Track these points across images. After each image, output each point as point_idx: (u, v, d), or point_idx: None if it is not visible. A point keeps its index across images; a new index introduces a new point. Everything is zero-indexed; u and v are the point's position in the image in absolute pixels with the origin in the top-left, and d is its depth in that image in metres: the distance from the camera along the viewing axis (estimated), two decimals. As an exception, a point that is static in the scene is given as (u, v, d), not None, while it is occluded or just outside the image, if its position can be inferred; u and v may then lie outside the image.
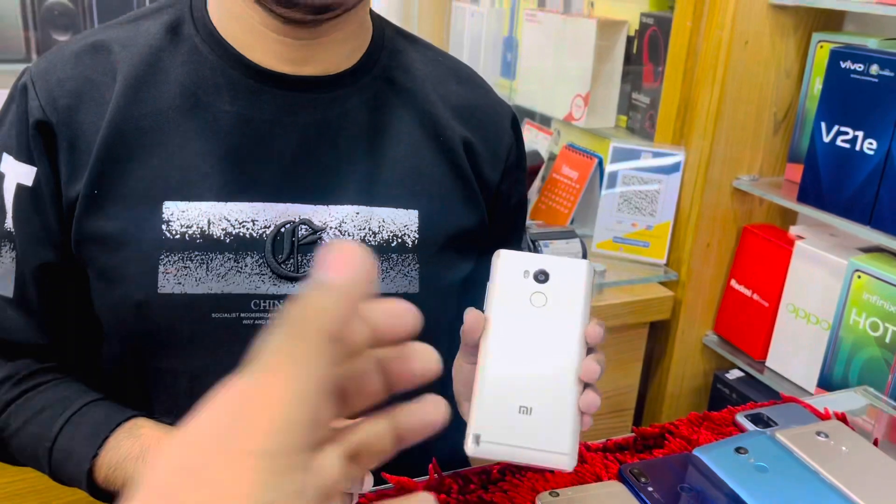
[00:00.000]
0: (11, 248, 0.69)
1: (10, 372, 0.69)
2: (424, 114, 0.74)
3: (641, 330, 1.43)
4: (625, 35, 1.67)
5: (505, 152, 0.78)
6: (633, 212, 1.43)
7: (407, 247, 0.71)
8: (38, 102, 0.65)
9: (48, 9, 2.11)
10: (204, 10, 0.70)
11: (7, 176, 0.68)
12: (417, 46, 0.78)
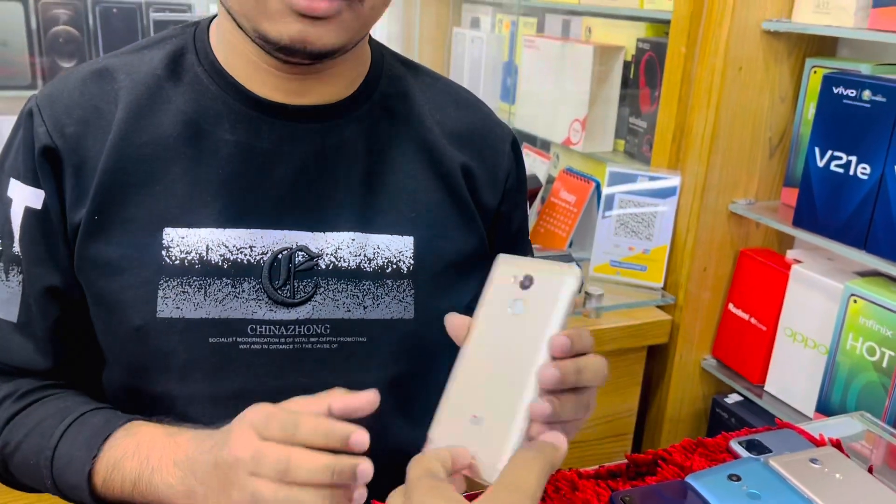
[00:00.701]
0: (18, 271, 0.69)
1: (11, 389, 0.70)
2: (422, 140, 0.75)
3: (639, 354, 1.43)
4: (622, 60, 1.69)
5: (504, 175, 0.79)
6: (630, 235, 1.43)
7: (402, 273, 0.72)
8: (45, 128, 0.67)
9: (53, 36, 2.13)
10: (206, 42, 0.71)
11: (15, 200, 0.69)
12: (416, 72, 0.79)
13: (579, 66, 1.70)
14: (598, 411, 1.48)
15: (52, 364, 0.71)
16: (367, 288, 0.71)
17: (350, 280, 0.70)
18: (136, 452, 0.61)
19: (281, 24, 0.60)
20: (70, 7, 2.13)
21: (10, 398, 0.69)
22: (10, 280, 0.69)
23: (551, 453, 0.48)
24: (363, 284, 0.71)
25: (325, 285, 0.70)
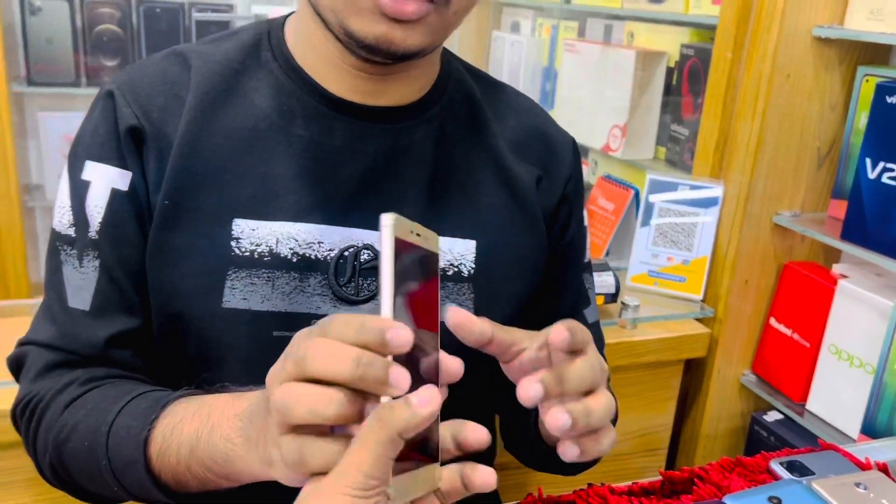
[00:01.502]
0: (95, 256, 0.68)
1: (75, 377, 0.67)
2: (486, 145, 0.75)
3: (676, 367, 1.39)
4: (664, 66, 1.65)
5: (564, 180, 0.79)
6: (670, 245, 1.40)
7: (463, 276, 0.73)
8: (130, 110, 0.67)
9: (98, 35, 2.17)
10: (281, 38, 0.72)
11: (95, 183, 0.68)
12: (479, 78, 0.80)
13: (621, 71, 1.67)
14: (631, 425, 1.45)
15: (118, 352, 0.69)
16: None
17: None
18: (196, 412, 0.57)
19: (368, 23, 0.61)
20: (115, 6, 2.16)
21: (74, 384, 0.67)
22: (85, 266, 0.68)
23: (389, 416, 0.42)
24: None
25: None
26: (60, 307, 0.69)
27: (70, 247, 0.69)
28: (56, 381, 0.67)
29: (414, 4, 0.60)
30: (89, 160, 0.68)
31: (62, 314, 0.69)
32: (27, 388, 0.69)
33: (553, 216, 0.79)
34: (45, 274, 0.71)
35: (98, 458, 0.61)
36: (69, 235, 0.69)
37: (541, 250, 0.77)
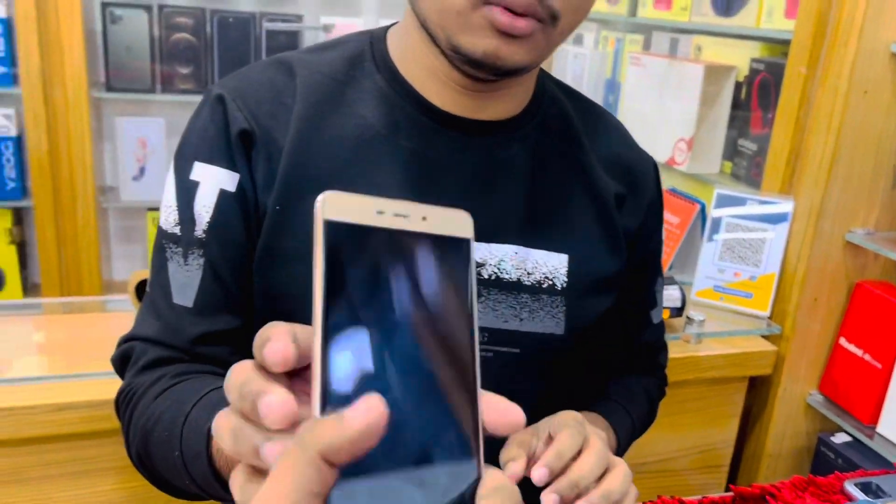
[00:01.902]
0: (200, 254, 0.70)
1: (169, 370, 0.69)
2: (579, 162, 0.76)
3: (740, 384, 1.37)
4: (733, 80, 1.64)
5: (647, 202, 0.80)
6: (737, 261, 1.38)
7: (556, 289, 0.74)
8: (241, 114, 0.68)
9: (174, 44, 2.24)
10: (384, 49, 0.73)
11: (203, 184, 0.70)
12: (571, 96, 0.81)
13: (687, 84, 1.66)
14: (691, 440, 1.44)
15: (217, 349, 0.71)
16: (525, 301, 0.73)
17: (510, 291, 0.72)
18: None
19: (478, 38, 0.62)
20: (190, 16, 2.23)
21: (166, 377, 0.69)
22: (190, 264, 0.70)
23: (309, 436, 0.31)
24: (521, 297, 0.72)
25: (487, 294, 0.71)
26: (165, 303, 0.70)
27: (175, 245, 0.71)
28: (154, 373, 0.69)
29: (524, 21, 0.61)
30: (198, 161, 0.70)
31: (166, 310, 0.70)
32: (129, 380, 0.71)
33: (635, 236, 0.80)
34: (151, 270, 0.73)
35: (173, 448, 0.62)
36: (175, 234, 0.71)
37: (622, 269, 0.78)
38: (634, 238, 0.80)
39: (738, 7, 1.62)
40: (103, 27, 2.17)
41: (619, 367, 0.89)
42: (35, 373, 0.99)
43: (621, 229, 0.77)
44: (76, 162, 2.09)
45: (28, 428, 0.92)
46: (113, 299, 1.29)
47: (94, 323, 1.18)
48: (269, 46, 2.28)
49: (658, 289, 0.86)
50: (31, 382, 0.96)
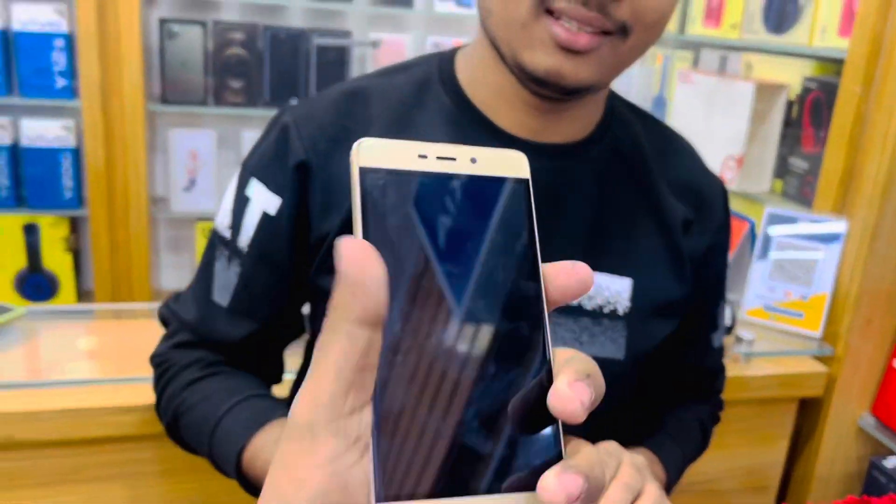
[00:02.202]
0: (238, 263, 0.74)
1: (200, 356, 0.77)
2: (647, 187, 0.76)
3: (790, 405, 1.35)
4: (784, 99, 1.63)
5: (715, 227, 0.79)
6: (788, 280, 1.37)
7: (618, 314, 0.73)
8: (301, 144, 0.70)
9: (227, 58, 2.29)
10: (452, 71, 0.73)
11: (253, 200, 0.73)
12: (642, 118, 0.80)
13: (738, 102, 1.65)
14: (740, 461, 1.42)
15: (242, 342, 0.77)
16: (585, 325, 0.72)
17: (571, 315, 0.72)
18: None
19: (540, 55, 0.61)
20: (242, 31, 2.29)
21: (198, 364, 0.76)
22: (231, 269, 0.75)
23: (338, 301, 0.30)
24: (582, 321, 0.72)
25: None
26: (205, 296, 0.76)
27: (224, 247, 0.75)
28: (187, 355, 0.77)
29: (588, 36, 0.59)
30: (254, 178, 0.74)
31: (204, 303, 0.76)
32: (164, 349, 0.79)
33: (702, 260, 0.78)
34: (201, 261, 0.78)
35: (203, 443, 0.71)
36: (224, 237, 0.76)
37: (687, 295, 0.77)
38: (700, 262, 0.79)
39: (790, 25, 1.61)
40: (160, 42, 2.23)
41: (676, 392, 0.87)
42: (86, 376, 1.02)
43: (687, 254, 0.76)
44: (131, 173, 2.15)
45: (86, 429, 0.95)
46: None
47: (141, 329, 1.21)
48: (319, 61, 2.33)
49: (720, 312, 0.85)
50: (86, 385, 0.99)
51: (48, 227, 2.23)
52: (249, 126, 2.43)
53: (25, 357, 1.06)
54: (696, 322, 0.82)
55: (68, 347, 1.09)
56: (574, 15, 0.59)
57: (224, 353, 0.77)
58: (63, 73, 2.12)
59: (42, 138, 2.16)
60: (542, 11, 0.60)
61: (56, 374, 1.01)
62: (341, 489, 0.29)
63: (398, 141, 0.32)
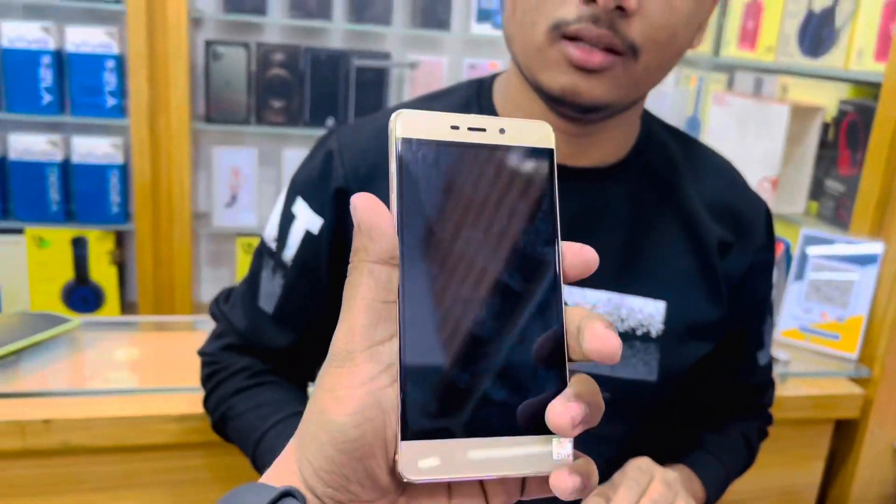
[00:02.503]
0: (282, 275, 0.78)
1: (249, 363, 0.82)
2: (682, 210, 0.76)
3: (825, 426, 1.35)
4: (820, 121, 1.64)
5: (755, 250, 0.79)
6: (823, 302, 1.37)
7: (650, 337, 0.74)
8: (342, 171, 0.74)
9: (269, 79, 2.36)
10: (490, 97, 0.75)
11: (298, 217, 0.77)
12: (680, 140, 0.80)
13: (773, 124, 1.66)
14: (774, 483, 1.42)
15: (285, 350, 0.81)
16: None
17: None
18: None
19: (556, 74, 0.63)
20: (284, 52, 2.35)
21: (245, 371, 0.81)
22: (275, 280, 0.79)
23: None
24: None
25: None
26: (252, 303, 0.81)
27: (270, 258, 0.80)
28: (235, 359, 0.82)
29: (600, 55, 0.61)
30: (300, 196, 0.77)
31: (251, 310, 0.81)
32: (214, 349, 0.84)
33: (741, 281, 0.78)
34: (250, 267, 0.83)
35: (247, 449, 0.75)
36: (271, 249, 0.80)
37: (723, 318, 0.77)
38: (740, 282, 0.78)
39: (826, 48, 1.62)
40: (206, 63, 2.31)
41: (721, 410, 0.88)
42: (135, 385, 1.07)
43: (723, 276, 0.76)
44: (175, 189, 2.22)
45: (137, 436, 0.98)
46: (201, 319, 1.37)
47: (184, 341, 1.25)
48: (358, 82, 2.38)
49: (767, 330, 0.85)
50: (136, 394, 1.03)
51: (95, 241, 2.31)
52: (290, 144, 2.50)
53: (77, 366, 1.11)
54: (740, 341, 0.82)
55: (116, 357, 1.14)
56: (586, 35, 0.61)
57: (270, 362, 0.82)
58: (113, 92, 2.20)
59: (91, 155, 2.24)
60: (558, 36, 0.62)
61: (105, 383, 1.05)
62: (376, 406, 0.33)
63: (433, 112, 0.35)
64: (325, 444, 0.33)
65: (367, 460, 0.33)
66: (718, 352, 0.78)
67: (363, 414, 0.33)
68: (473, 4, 2.46)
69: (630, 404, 0.74)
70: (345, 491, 0.33)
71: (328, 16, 2.35)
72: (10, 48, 2.12)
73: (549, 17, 0.62)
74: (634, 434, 0.77)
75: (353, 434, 0.32)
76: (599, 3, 0.59)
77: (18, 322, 1.12)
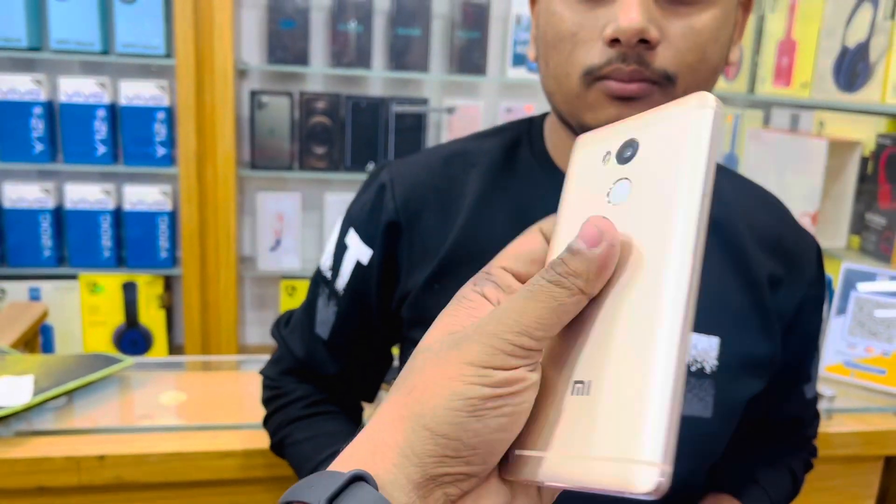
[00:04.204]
0: (335, 303, 0.82)
1: (306, 392, 0.85)
2: (732, 244, 0.76)
3: (875, 464, 1.32)
4: (858, 155, 1.63)
5: (806, 285, 0.79)
6: (868, 336, 1.35)
7: (705, 373, 0.73)
8: (393, 205, 0.76)
9: (312, 126, 2.43)
10: (540, 136, 0.77)
11: (350, 248, 0.80)
12: (729, 175, 0.81)
13: (811, 160, 1.66)
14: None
15: (340, 375, 0.85)
16: None
17: None
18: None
19: (599, 112, 0.64)
20: (326, 101, 2.43)
21: (303, 401, 0.85)
22: (330, 307, 0.82)
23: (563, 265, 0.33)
24: None
25: None
26: (308, 329, 0.85)
27: (325, 286, 0.83)
28: (293, 386, 0.86)
29: (637, 84, 0.62)
30: (352, 228, 0.81)
31: (308, 336, 0.85)
32: (274, 374, 0.88)
33: (793, 316, 0.78)
34: (307, 295, 0.87)
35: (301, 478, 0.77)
36: (326, 277, 0.83)
37: (774, 354, 0.77)
38: (792, 317, 0.78)
39: (861, 83, 1.62)
40: (251, 112, 2.39)
41: (767, 442, 0.87)
42: (184, 422, 1.10)
43: (774, 311, 0.76)
44: (221, 234, 2.28)
45: (188, 472, 1.01)
46: (246, 359, 1.40)
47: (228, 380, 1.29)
48: (397, 127, 2.44)
49: (814, 364, 0.84)
50: (186, 430, 1.05)
51: (145, 286, 2.38)
52: (332, 189, 2.56)
53: (128, 404, 1.15)
54: (789, 375, 0.82)
55: (166, 396, 1.18)
56: (617, 75, 0.62)
57: (326, 390, 0.85)
58: (163, 142, 2.29)
59: (142, 202, 2.33)
60: (592, 80, 0.64)
61: (155, 420, 1.08)
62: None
63: (607, 128, 0.36)
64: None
65: (504, 434, 0.32)
66: (767, 386, 0.78)
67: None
68: (509, 49, 2.52)
69: (685, 441, 0.74)
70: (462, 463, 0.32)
71: (368, 64, 2.42)
72: (68, 102, 2.23)
73: (580, 65, 0.64)
74: (689, 472, 0.76)
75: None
76: (624, 42, 0.61)
77: (73, 363, 1.17)
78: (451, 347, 0.33)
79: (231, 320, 2.36)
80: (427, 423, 0.32)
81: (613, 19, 0.61)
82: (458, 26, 2.45)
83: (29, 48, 2.18)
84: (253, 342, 2.64)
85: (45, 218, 2.29)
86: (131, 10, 2.21)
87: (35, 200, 2.28)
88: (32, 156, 2.25)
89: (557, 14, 0.66)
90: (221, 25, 2.16)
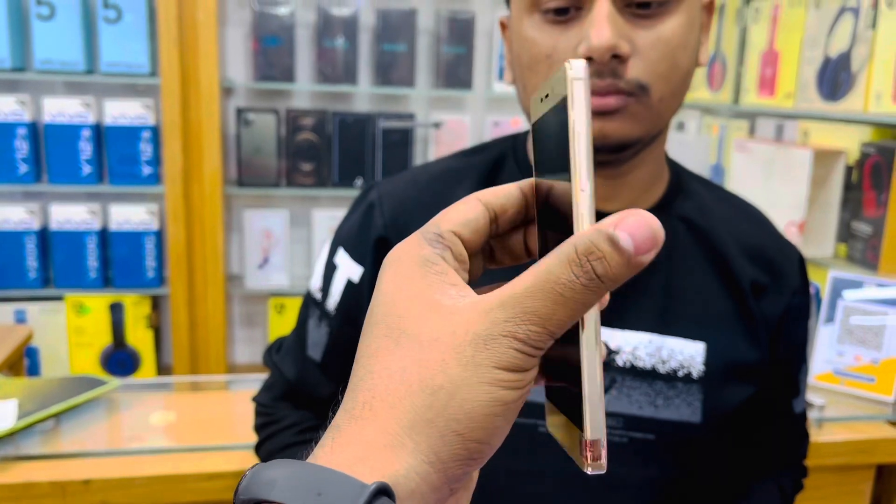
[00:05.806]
0: (327, 324, 0.81)
1: (297, 420, 0.83)
2: (717, 253, 0.77)
3: (866, 472, 1.32)
4: (843, 164, 1.64)
5: (789, 293, 0.79)
6: (857, 344, 1.36)
7: (692, 378, 0.74)
8: (382, 221, 0.77)
9: (298, 143, 2.43)
10: (525, 150, 0.78)
11: (339, 267, 0.80)
12: (711, 188, 0.83)
13: (796, 169, 1.67)
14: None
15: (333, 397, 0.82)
16: (660, 388, 0.74)
17: (645, 379, 0.74)
18: None
19: None
20: (313, 117, 2.43)
21: (295, 427, 0.83)
22: (321, 328, 0.82)
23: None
24: (656, 384, 0.74)
25: (621, 381, 0.73)
26: (300, 352, 0.84)
27: (315, 307, 0.83)
28: (286, 413, 0.84)
29: (614, 97, 0.64)
30: (342, 247, 0.81)
31: (300, 359, 0.84)
32: (267, 400, 0.87)
33: (777, 327, 0.79)
34: (298, 318, 0.86)
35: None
36: (316, 299, 0.83)
37: (763, 361, 0.78)
38: (777, 327, 0.79)
39: (844, 92, 1.63)
40: (237, 130, 2.38)
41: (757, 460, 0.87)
42: (171, 444, 1.08)
43: (760, 317, 0.77)
44: (209, 253, 2.27)
45: (175, 495, 1.00)
46: (235, 379, 1.39)
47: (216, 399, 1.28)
48: (385, 143, 2.44)
49: (802, 377, 0.85)
50: (172, 453, 1.04)
51: (132, 306, 2.36)
52: (320, 206, 2.55)
53: (115, 427, 1.13)
54: (776, 388, 0.82)
55: (153, 418, 1.16)
56: (593, 90, 0.64)
57: (321, 415, 0.84)
58: (149, 161, 2.28)
59: (128, 222, 2.31)
60: None
61: (142, 442, 1.07)
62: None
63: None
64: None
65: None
66: (755, 399, 0.78)
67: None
68: (495, 64, 2.53)
69: (675, 446, 0.74)
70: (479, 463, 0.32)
71: (354, 80, 2.42)
72: (52, 123, 2.22)
73: None
74: (679, 478, 0.76)
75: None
76: (597, 59, 0.63)
77: (58, 386, 1.15)
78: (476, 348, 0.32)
79: (219, 339, 2.34)
80: (460, 428, 0.31)
81: (585, 37, 0.63)
82: (443, 41, 2.46)
83: (13, 69, 2.17)
84: (242, 361, 2.62)
85: (31, 239, 2.27)
86: (116, 29, 2.20)
87: (20, 222, 2.26)
88: (17, 177, 2.23)
89: (530, 39, 0.67)
90: (206, 43, 2.16)
